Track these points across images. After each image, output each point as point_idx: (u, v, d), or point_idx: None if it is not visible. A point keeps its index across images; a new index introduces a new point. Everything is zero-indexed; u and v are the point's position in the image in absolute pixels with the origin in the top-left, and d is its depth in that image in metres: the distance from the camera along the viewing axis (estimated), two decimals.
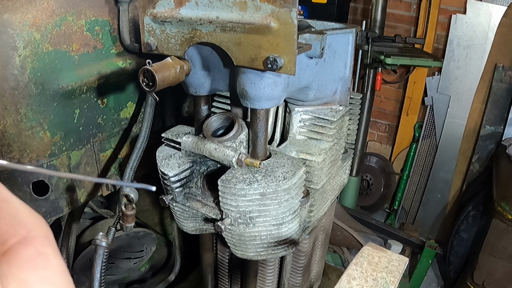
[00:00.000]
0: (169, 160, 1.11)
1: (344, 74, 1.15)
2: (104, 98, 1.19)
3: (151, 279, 2.03)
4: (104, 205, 2.16)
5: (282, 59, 0.83)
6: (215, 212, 1.09)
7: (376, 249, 0.81)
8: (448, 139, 3.06)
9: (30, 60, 0.97)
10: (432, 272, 2.89)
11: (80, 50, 1.08)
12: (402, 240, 2.47)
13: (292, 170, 1.01)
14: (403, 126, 3.37)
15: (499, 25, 2.68)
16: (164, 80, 0.87)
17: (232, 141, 1.05)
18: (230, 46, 0.89)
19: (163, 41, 0.97)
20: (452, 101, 3.00)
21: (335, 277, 1.94)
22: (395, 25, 3.19)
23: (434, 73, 3.07)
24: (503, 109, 2.76)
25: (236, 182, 0.98)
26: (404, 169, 3.36)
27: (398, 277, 0.75)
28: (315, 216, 1.21)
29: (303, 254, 1.39)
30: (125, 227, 1.09)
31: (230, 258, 1.46)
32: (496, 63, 2.73)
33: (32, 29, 0.96)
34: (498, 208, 2.06)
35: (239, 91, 0.97)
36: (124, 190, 1.05)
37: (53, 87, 1.03)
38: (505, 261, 2.08)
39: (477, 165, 2.92)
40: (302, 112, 1.15)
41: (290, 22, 0.80)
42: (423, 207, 3.27)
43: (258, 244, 1.09)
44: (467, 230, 2.60)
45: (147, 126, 1.07)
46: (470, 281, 2.25)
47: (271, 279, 1.36)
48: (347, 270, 0.77)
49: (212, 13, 0.88)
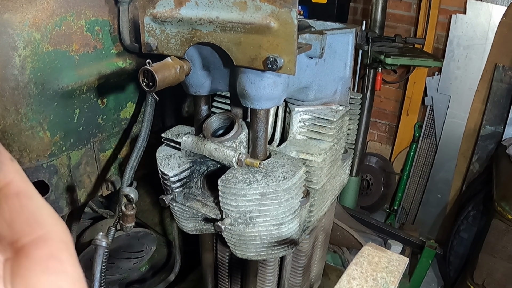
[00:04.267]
0: (169, 160, 1.11)
1: (344, 74, 1.15)
2: (104, 98, 1.19)
3: (151, 279, 2.03)
4: (104, 205, 2.15)
5: (282, 59, 0.83)
6: (215, 212, 1.09)
7: (376, 249, 0.81)
8: (448, 139, 3.06)
9: (30, 60, 0.96)
10: (432, 272, 2.89)
11: (80, 50, 1.08)
12: (402, 240, 2.47)
13: (292, 170, 1.01)
14: (403, 126, 3.37)
15: (499, 25, 2.68)
16: (164, 80, 0.87)
17: (232, 141, 1.05)
18: (230, 46, 0.89)
19: (163, 41, 0.97)
20: (452, 101, 3.00)
21: (335, 277, 1.94)
22: (395, 25, 3.19)
23: (434, 73, 3.07)
24: (503, 109, 2.76)
25: (236, 182, 0.98)
26: (404, 169, 3.36)
27: (398, 277, 0.75)
28: (315, 216, 1.21)
29: (303, 254, 1.39)
30: (125, 227, 1.09)
31: (230, 258, 1.46)
32: (496, 63, 2.73)
33: (32, 29, 0.96)
34: (498, 208, 2.06)
35: (239, 91, 0.97)
36: (124, 190, 1.05)
37: (53, 87, 1.03)
38: (505, 261, 2.08)
39: (477, 165, 2.92)
40: (302, 112, 1.15)
41: (290, 22, 0.80)
42: (423, 207, 3.27)
43: (258, 244, 1.09)
44: (467, 230, 2.60)
45: (147, 126, 1.07)
46: (470, 281, 2.25)
47: (271, 279, 1.36)
48: (347, 270, 0.77)
49: (212, 13, 0.88)
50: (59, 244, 0.27)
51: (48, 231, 0.27)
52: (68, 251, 0.27)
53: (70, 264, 0.27)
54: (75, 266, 0.27)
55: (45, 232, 0.26)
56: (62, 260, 0.26)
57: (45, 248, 0.26)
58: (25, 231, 0.26)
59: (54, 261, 0.26)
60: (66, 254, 0.27)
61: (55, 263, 0.26)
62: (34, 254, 0.25)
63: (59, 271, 0.26)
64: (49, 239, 0.26)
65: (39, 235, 0.26)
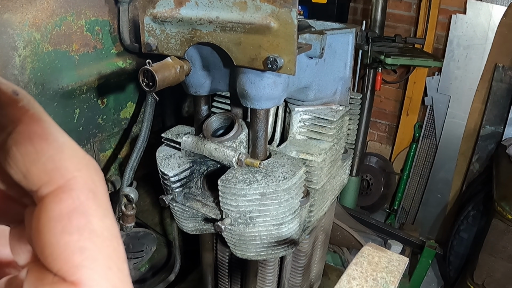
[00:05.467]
0: (169, 160, 1.11)
1: (344, 74, 1.15)
2: (104, 98, 1.19)
3: (151, 279, 2.03)
4: None
5: (282, 59, 0.83)
6: (215, 212, 1.09)
7: (376, 249, 0.81)
8: (448, 139, 3.06)
9: (30, 60, 0.97)
10: (432, 272, 2.89)
11: (80, 50, 1.08)
12: (402, 240, 2.47)
13: (292, 170, 1.01)
14: (403, 126, 3.37)
15: (499, 25, 2.68)
16: (164, 80, 0.87)
17: (232, 141, 1.05)
18: (230, 46, 0.89)
19: (163, 41, 0.97)
20: (452, 101, 3.00)
21: (335, 277, 1.94)
22: (395, 25, 3.19)
23: (434, 73, 3.07)
24: (503, 109, 2.75)
25: (236, 182, 0.98)
26: (404, 169, 3.36)
27: (398, 277, 0.75)
28: (315, 216, 1.21)
29: (303, 254, 1.39)
30: (125, 227, 1.09)
31: (230, 258, 1.46)
32: (496, 63, 2.73)
33: (32, 29, 0.96)
34: (498, 208, 2.06)
35: (239, 91, 0.97)
36: (124, 190, 1.05)
37: (53, 87, 1.03)
38: (505, 261, 2.08)
39: (477, 165, 2.92)
40: (302, 112, 1.15)
41: (290, 22, 0.80)
42: (423, 207, 3.27)
43: (258, 244, 1.09)
44: (467, 230, 2.60)
45: (147, 126, 1.07)
46: (470, 281, 2.25)
47: (271, 279, 1.36)
48: (347, 270, 0.77)
49: (212, 13, 0.88)
50: (85, 194, 0.22)
51: (70, 178, 0.21)
52: (95, 202, 0.22)
53: (98, 218, 0.22)
54: (103, 220, 0.22)
55: (67, 181, 0.21)
56: (87, 215, 0.21)
57: (66, 201, 0.21)
58: (43, 180, 0.21)
59: (77, 216, 0.21)
60: (94, 207, 0.22)
61: (78, 219, 0.21)
62: (53, 209, 0.21)
63: (82, 228, 0.21)
64: (71, 189, 0.21)
65: (59, 185, 0.21)
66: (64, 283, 0.20)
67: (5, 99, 0.21)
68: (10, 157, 0.21)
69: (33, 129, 0.21)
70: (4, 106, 0.21)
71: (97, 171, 0.23)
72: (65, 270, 0.20)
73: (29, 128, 0.21)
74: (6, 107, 0.21)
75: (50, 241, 0.20)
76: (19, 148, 0.21)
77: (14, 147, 0.21)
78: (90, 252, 0.21)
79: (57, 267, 0.20)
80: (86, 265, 0.20)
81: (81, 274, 0.20)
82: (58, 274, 0.20)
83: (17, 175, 0.22)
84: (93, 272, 0.21)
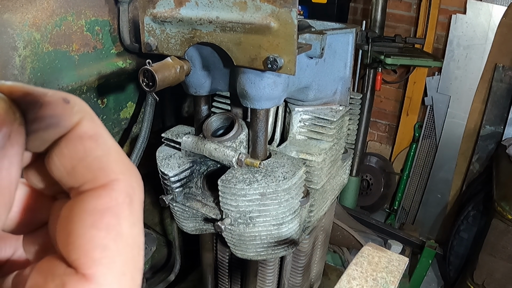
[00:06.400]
0: (169, 160, 1.11)
1: (344, 74, 1.15)
2: (104, 98, 1.19)
3: (151, 279, 2.03)
4: None
5: (282, 59, 0.83)
6: (215, 212, 1.09)
7: (376, 249, 0.81)
8: (448, 139, 3.06)
9: (30, 60, 0.97)
10: (432, 272, 2.89)
11: (80, 50, 1.08)
12: (402, 240, 2.47)
13: (292, 170, 1.01)
14: (403, 126, 3.37)
15: (499, 25, 2.68)
16: (164, 80, 0.87)
17: (232, 141, 1.05)
18: (230, 46, 0.89)
19: (163, 41, 0.97)
20: (452, 101, 3.00)
21: (335, 277, 1.94)
22: (395, 25, 3.19)
23: (434, 73, 3.07)
24: (503, 109, 2.75)
25: (236, 182, 0.98)
26: (404, 169, 3.36)
27: (398, 277, 0.75)
28: (315, 216, 1.21)
29: (303, 254, 1.39)
30: None
31: (230, 258, 1.46)
32: (496, 63, 2.73)
33: (32, 29, 0.96)
34: (498, 208, 2.06)
35: (239, 91, 0.97)
36: None
37: (53, 87, 1.03)
38: (505, 261, 2.08)
39: (477, 165, 2.92)
40: (302, 112, 1.15)
41: (290, 22, 0.80)
42: (423, 207, 3.27)
43: (258, 244, 1.09)
44: (467, 230, 2.60)
45: (147, 126, 1.07)
46: (470, 281, 2.25)
47: (271, 279, 1.36)
48: (347, 270, 0.77)
49: (212, 13, 0.88)
50: (122, 197, 0.22)
51: (113, 180, 0.22)
52: (130, 207, 0.22)
53: (128, 224, 0.22)
54: (132, 227, 0.22)
55: (110, 181, 0.22)
56: (119, 217, 0.21)
57: (104, 198, 0.21)
58: (86, 178, 0.21)
59: (109, 215, 0.21)
60: (127, 211, 0.22)
61: (110, 218, 0.21)
62: (90, 204, 0.21)
63: (111, 228, 0.21)
64: (112, 189, 0.21)
65: (101, 184, 0.21)
66: (76, 275, 0.20)
67: (58, 110, 0.22)
68: (56, 153, 0.22)
69: (84, 130, 0.22)
70: (60, 116, 0.22)
71: (138, 179, 0.23)
72: (81, 262, 0.20)
73: (81, 129, 0.22)
74: (61, 117, 0.22)
75: (77, 231, 0.21)
76: (68, 145, 0.22)
77: (63, 143, 0.22)
78: (111, 252, 0.21)
79: (74, 257, 0.21)
80: (103, 263, 0.21)
81: (96, 270, 0.20)
82: (73, 265, 0.21)
83: (58, 171, 0.22)
84: (108, 272, 0.21)
